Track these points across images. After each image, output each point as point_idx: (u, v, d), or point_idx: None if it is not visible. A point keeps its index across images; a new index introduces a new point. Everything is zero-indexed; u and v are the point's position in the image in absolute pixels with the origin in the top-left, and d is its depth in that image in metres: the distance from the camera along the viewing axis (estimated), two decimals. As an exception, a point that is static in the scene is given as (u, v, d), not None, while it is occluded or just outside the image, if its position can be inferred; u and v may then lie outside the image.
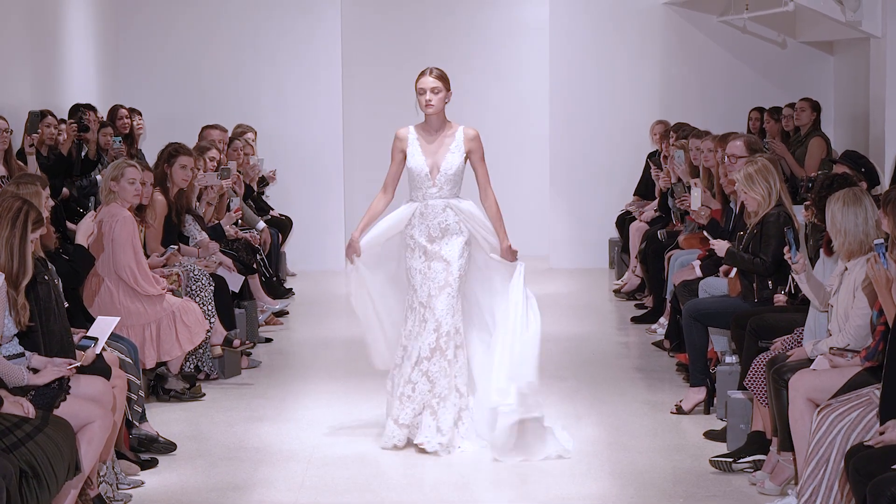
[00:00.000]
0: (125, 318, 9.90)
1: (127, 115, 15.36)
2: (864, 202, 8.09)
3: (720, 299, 10.30)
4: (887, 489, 6.07)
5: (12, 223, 7.47)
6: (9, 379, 7.32)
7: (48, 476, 6.84)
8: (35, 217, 7.57)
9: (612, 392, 11.09)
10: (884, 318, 7.31)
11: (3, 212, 7.52)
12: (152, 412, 10.01)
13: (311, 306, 15.62)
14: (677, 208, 13.87)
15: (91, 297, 10.17)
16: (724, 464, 8.90)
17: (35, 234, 7.57)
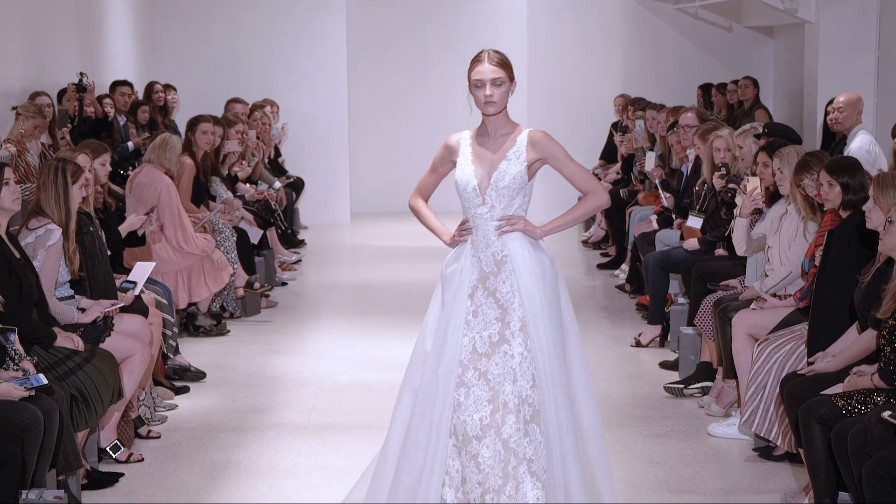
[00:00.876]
0: (160, 265, 9.91)
1: (162, 89, 15.43)
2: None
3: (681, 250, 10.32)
4: (815, 411, 6.11)
5: (54, 182, 7.50)
6: (61, 318, 7.35)
7: (95, 400, 6.88)
8: (73, 169, 7.58)
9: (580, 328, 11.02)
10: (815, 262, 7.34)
11: (46, 177, 7.56)
12: (185, 346, 10.04)
13: (321, 255, 15.63)
14: (636, 170, 13.92)
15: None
16: (677, 390, 8.95)
17: (76, 184, 7.57)
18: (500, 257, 6.00)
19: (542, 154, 6.06)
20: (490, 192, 6.00)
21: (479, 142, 6.15)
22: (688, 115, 11.68)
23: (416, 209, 6.38)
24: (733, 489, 7.09)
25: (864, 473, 5.27)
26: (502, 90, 6.04)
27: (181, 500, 6.95)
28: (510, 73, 6.07)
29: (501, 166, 6.01)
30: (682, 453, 7.70)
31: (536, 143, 6.06)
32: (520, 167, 6.00)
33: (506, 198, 6.00)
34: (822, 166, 7.31)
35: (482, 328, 5.97)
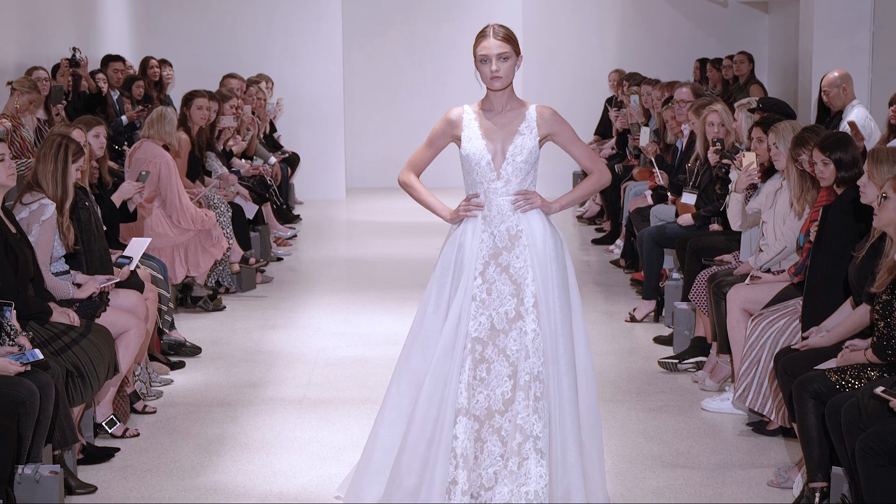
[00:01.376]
0: (156, 240, 9.90)
1: (157, 65, 15.39)
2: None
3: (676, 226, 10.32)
4: (809, 386, 6.12)
5: (55, 157, 7.50)
6: (57, 293, 7.34)
7: (91, 375, 6.88)
8: (75, 149, 7.58)
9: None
10: (810, 237, 7.34)
11: (46, 150, 7.55)
12: (180, 321, 10.04)
13: (317, 230, 15.63)
14: (631, 145, 13.91)
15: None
16: (671, 364, 8.96)
17: (76, 164, 7.57)
18: (514, 232, 5.99)
19: (551, 130, 6.08)
20: (506, 167, 6.00)
21: (485, 116, 6.10)
22: (682, 90, 11.66)
23: (409, 184, 6.27)
24: (727, 463, 7.10)
25: (858, 448, 5.28)
26: (508, 65, 5.98)
27: (177, 474, 6.95)
28: (516, 47, 6.01)
29: (517, 141, 6.01)
30: (676, 428, 7.71)
31: (546, 119, 6.07)
32: (534, 141, 6.02)
33: (522, 172, 6.01)
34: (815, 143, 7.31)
35: (498, 305, 5.95)
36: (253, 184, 13.32)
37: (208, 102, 11.92)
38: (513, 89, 6.11)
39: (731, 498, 6.56)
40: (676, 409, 8.12)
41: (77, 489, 6.60)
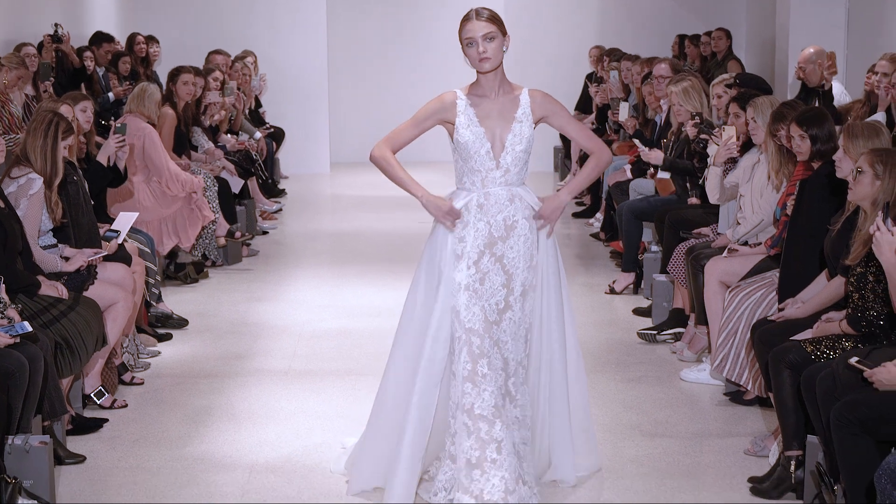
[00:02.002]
0: (143, 214, 9.88)
1: (144, 41, 15.34)
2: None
3: (656, 199, 10.34)
4: (785, 356, 6.14)
5: (45, 133, 7.48)
6: (45, 266, 7.33)
7: (79, 347, 6.87)
8: (65, 126, 7.57)
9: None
10: (786, 211, 7.35)
11: (37, 125, 7.53)
12: (167, 294, 10.03)
13: (301, 204, 15.61)
14: (611, 120, 13.91)
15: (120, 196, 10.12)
16: (650, 335, 8.98)
17: (66, 141, 7.56)
18: (511, 222, 5.88)
19: (545, 113, 5.95)
20: (505, 157, 5.86)
21: (479, 102, 5.91)
22: (661, 66, 11.65)
23: (384, 159, 6.04)
24: (704, 432, 7.13)
25: (832, 417, 5.30)
26: (495, 45, 5.81)
27: (165, 444, 6.96)
28: (501, 27, 5.84)
29: (515, 129, 5.87)
30: (655, 398, 7.74)
31: (539, 102, 5.93)
32: (531, 128, 5.91)
33: (521, 161, 5.91)
34: (792, 118, 7.32)
35: (489, 296, 5.85)
36: (238, 158, 13.29)
37: (194, 78, 11.90)
38: (503, 72, 5.94)
39: (709, 466, 6.59)
40: (655, 379, 8.14)
41: (66, 459, 6.60)
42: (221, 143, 13.11)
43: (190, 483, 6.39)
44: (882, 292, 5.83)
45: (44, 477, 5.96)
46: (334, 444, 6.71)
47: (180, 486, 6.35)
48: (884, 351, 5.63)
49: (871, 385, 5.30)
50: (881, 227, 5.37)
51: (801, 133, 7.16)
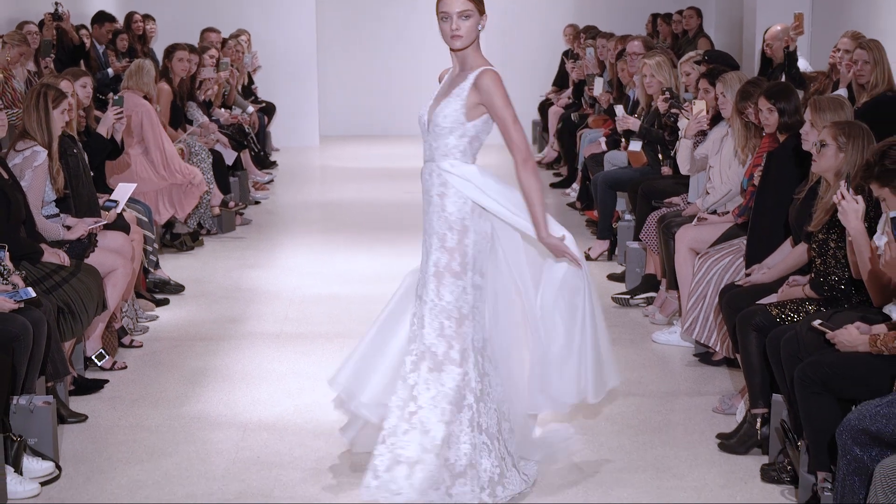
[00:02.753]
0: (141, 185, 9.84)
1: (141, 19, 15.26)
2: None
3: (629, 170, 10.34)
4: (751, 319, 6.16)
5: (36, 106, 7.46)
6: (48, 235, 7.31)
7: (80, 312, 6.87)
8: (54, 95, 7.52)
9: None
10: (753, 181, 7.36)
11: (29, 101, 7.53)
12: (164, 261, 10.01)
13: (292, 175, 15.57)
14: (587, 95, 13.90)
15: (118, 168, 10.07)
16: (623, 300, 9.00)
17: (58, 108, 7.49)
18: (427, 196, 5.56)
19: (481, 99, 5.45)
20: (431, 130, 5.51)
21: (444, 76, 5.65)
22: (634, 43, 11.65)
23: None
24: (675, 391, 7.16)
25: (796, 376, 5.32)
26: (469, 23, 5.39)
27: (162, 404, 6.96)
28: (479, 6, 5.42)
29: (443, 103, 5.47)
30: (628, 359, 7.75)
31: (479, 85, 5.42)
32: (457, 105, 5.43)
33: (440, 136, 5.48)
34: (760, 92, 7.32)
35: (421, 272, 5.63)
36: (232, 132, 13.26)
37: (188, 55, 11.87)
38: (476, 49, 5.50)
39: (679, 423, 6.62)
40: (628, 341, 8.16)
41: (69, 418, 6.60)
42: (215, 117, 13.07)
43: (187, 440, 6.39)
44: (843, 258, 5.85)
45: (47, 435, 5.97)
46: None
47: (178, 443, 6.36)
48: (845, 314, 5.65)
49: (833, 346, 5.32)
50: (846, 195, 5.38)
51: (770, 106, 7.16)
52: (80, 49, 13.03)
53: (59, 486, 5.80)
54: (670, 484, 5.81)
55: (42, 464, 5.83)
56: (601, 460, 6.11)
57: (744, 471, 5.94)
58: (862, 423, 4.82)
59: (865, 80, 8.41)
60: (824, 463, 5.22)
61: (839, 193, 5.42)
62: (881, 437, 4.76)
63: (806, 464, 5.37)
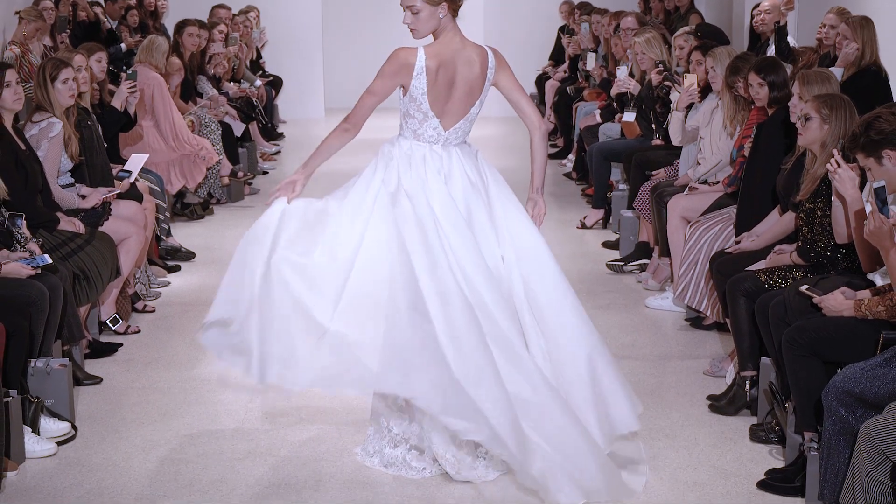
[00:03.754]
0: (153, 156, 9.81)
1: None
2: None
3: (623, 142, 10.31)
4: (741, 285, 6.14)
5: (38, 81, 7.43)
6: (63, 203, 7.29)
7: (95, 278, 6.85)
8: (52, 65, 7.46)
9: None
10: (743, 152, 7.33)
11: (35, 78, 7.50)
12: (176, 228, 9.99)
13: (298, 146, 15.51)
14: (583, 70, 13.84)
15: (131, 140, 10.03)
16: (618, 266, 8.98)
17: (58, 78, 7.42)
18: None
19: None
20: None
21: None
22: (627, 18, 11.61)
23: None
24: (667, 355, 7.15)
25: (783, 340, 5.30)
26: (421, 16, 5.25)
27: (174, 366, 6.95)
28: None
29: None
30: (622, 323, 7.74)
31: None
32: (399, 86, 5.39)
33: (400, 112, 5.50)
34: (750, 67, 7.29)
35: None
36: (240, 104, 13.22)
37: (198, 30, 11.82)
38: (436, 36, 5.33)
39: (671, 386, 6.61)
40: (622, 306, 8.14)
41: (84, 380, 6.60)
42: (225, 90, 13.02)
43: (198, 402, 6.39)
44: (829, 226, 5.83)
45: (64, 397, 5.97)
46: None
47: (189, 404, 6.36)
48: (831, 280, 5.64)
49: (820, 311, 5.31)
50: (842, 164, 5.37)
51: (760, 81, 7.12)
52: (94, 25, 12.97)
53: (74, 446, 5.80)
54: (662, 444, 5.80)
55: (58, 424, 5.83)
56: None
57: (733, 431, 5.93)
58: (847, 385, 4.81)
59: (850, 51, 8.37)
60: (811, 423, 5.21)
61: (833, 162, 5.40)
62: (865, 398, 4.75)
63: (793, 424, 5.36)
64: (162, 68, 10.44)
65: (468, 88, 5.38)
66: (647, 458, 5.55)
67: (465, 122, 5.46)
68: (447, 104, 5.35)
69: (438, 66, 5.26)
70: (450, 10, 5.29)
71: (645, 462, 5.49)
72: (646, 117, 9.99)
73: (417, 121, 5.41)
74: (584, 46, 13.93)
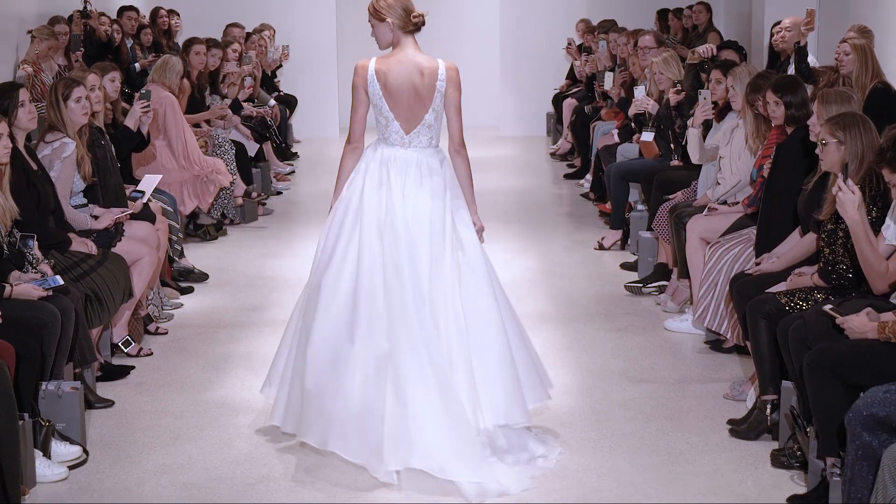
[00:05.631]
0: (166, 176, 9.83)
1: (166, 14, 15.26)
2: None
3: (641, 161, 10.31)
4: (761, 307, 6.11)
5: (50, 101, 7.45)
6: (76, 224, 7.30)
7: (108, 299, 6.86)
8: (64, 85, 7.48)
9: (547, 232, 11.11)
10: (763, 172, 7.31)
11: (48, 98, 7.52)
12: (189, 249, 10.00)
13: (313, 166, 15.54)
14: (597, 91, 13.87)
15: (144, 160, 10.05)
16: (636, 288, 8.96)
17: (71, 97, 7.44)
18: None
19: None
20: None
21: None
22: (646, 37, 11.61)
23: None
24: (686, 378, 7.11)
25: (805, 363, 5.28)
26: (376, 31, 6.03)
27: (187, 390, 6.94)
28: (375, 15, 5.99)
29: None
30: (641, 346, 7.72)
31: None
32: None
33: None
34: (768, 85, 7.28)
35: None
36: (254, 124, 13.24)
37: (206, 49, 11.87)
38: (395, 46, 5.99)
39: (691, 409, 6.58)
40: (641, 328, 8.12)
41: (96, 403, 6.59)
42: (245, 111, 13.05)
43: (210, 425, 6.38)
44: (851, 247, 5.79)
45: (75, 420, 5.96)
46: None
47: (202, 427, 6.34)
48: (853, 302, 5.61)
49: (843, 333, 5.28)
50: (843, 187, 5.36)
51: (776, 99, 7.12)
52: (108, 45, 13.03)
53: (86, 470, 5.79)
54: (682, 469, 5.77)
55: (70, 448, 5.82)
56: (614, 445, 6.07)
57: (754, 456, 5.90)
58: (870, 409, 4.78)
59: (846, 70, 8.41)
60: (833, 448, 5.18)
61: (837, 185, 5.40)
62: (889, 423, 4.72)
63: (815, 449, 5.33)
64: (175, 88, 10.47)
65: (417, 95, 5.88)
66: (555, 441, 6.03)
67: (423, 127, 5.93)
68: (401, 108, 5.89)
69: (387, 71, 5.88)
70: (396, 28, 5.94)
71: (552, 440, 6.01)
72: (664, 137, 10.00)
73: (383, 125, 5.97)
74: (602, 65, 13.93)
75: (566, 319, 8.36)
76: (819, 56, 12.48)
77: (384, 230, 5.81)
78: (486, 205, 6.67)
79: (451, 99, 5.92)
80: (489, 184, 13.22)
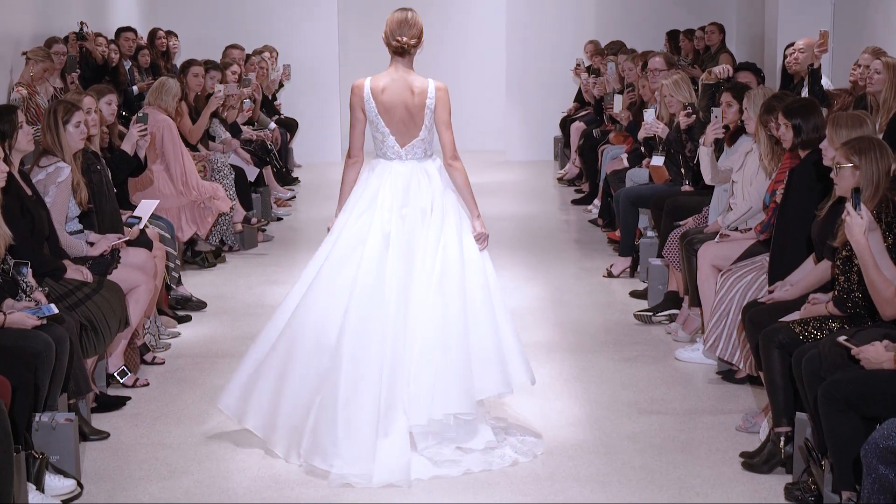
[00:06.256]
0: (163, 202, 9.85)
1: (164, 36, 15.33)
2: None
3: (651, 186, 10.32)
4: (774, 337, 6.11)
5: (48, 123, 7.47)
6: (71, 251, 7.32)
7: (103, 328, 6.86)
8: (64, 109, 7.51)
9: (554, 259, 11.11)
10: (775, 197, 7.32)
11: (45, 119, 7.55)
12: (187, 277, 10.01)
13: (314, 191, 15.57)
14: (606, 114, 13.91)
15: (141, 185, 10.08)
16: (646, 317, 8.96)
17: (70, 121, 7.47)
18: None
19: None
20: None
21: None
22: (655, 59, 11.64)
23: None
24: (698, 409, 7.11)
25: (819, 395, 5.27)
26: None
27: (184, 421, 6.94)
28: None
29: None
30: (651, 376, 7.71)
31: None
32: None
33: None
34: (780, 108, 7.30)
35: None
36: (254, 148, 13.27)
37: (204, 71, 11.90)
38: (390, 67, 6.60)
39: (702, 442, 6.57)
40: (651, 358, 8.11)
41: (91, 435, 6.59)
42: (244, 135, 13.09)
43: (208, 458, 6.37)
44: (867, 275, 5.80)
45: (69, 452, 5.96)
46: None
47: (199, 461, 6.34)
48: (868, 331, 5.61)
49: (858, 363, 5.28)
50: (851, 212, 5.38)
51: (786, 122, 7.15)
52: (104, 67, 13.08)
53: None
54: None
55: (64, 481, 5.82)
56: (623, 480, 6.06)
57: (767, 490, 5.89)
58: (887, 441, 4.78)
59: (874, 89, 8.41)
60: (849, 482, 5.17)
61: (846, 210, 5.41)
62: (906, 456, 4.72)
63: (830, 483, 5.32)
64: (172, 111, 10.50)
65: (408, 112, 6.38)
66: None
67: (419, 142, 6.43)
68: (396, 124, 6.39)
69: (382, 89, 6.41)
70: (388, 50, 6.55)
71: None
72: (675, 161, 10.01)
73: (379, 141, 6.46)
74: (611, 88, 13.96)
75: (574, 349, 8.36)
76: (833, 78, 12.50)
77: (382, 240, 6.43)
78: (491, 231, 6.67)
79: (440, 117, 6.38)
80: (495, 209, 13.23)
